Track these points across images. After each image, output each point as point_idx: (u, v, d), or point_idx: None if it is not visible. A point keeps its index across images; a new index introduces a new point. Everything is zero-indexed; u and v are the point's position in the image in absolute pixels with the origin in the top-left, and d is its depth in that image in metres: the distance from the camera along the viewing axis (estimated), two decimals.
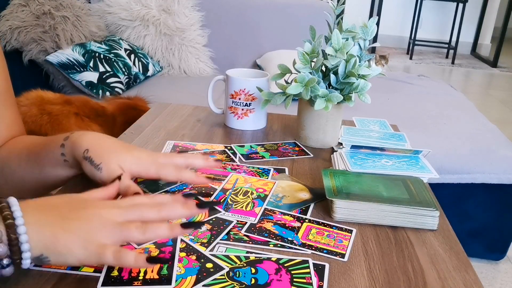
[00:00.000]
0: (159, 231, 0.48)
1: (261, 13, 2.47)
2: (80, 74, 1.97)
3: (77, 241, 0.46)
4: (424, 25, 5.71)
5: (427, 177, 0.72)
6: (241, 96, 0.93)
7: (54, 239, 0.45)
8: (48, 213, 0.47)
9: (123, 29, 2.31)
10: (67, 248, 0.45)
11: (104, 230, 0.47)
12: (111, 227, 0.47)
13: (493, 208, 1.69)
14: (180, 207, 0.51)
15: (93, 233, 0.46)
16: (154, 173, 0.63)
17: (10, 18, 1.91)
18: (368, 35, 0.83)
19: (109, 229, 0.47)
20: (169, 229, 0.48)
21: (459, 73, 4.93)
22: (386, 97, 2.17)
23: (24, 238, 0.44)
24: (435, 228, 0.63)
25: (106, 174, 0.60)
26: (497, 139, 1.79)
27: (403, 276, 0.53)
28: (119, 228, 0.47)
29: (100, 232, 0.47)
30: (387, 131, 0.92)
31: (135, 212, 0.49)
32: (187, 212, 0.51)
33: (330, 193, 0.65)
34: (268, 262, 0.53)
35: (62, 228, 0.46)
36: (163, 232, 0.48)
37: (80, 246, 0.46)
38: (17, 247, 0.44)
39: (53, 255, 0.46)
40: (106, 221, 0.47)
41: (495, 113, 3.62)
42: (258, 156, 0.83)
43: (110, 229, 0.47)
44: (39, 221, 0.46)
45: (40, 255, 0.46)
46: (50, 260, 0.46)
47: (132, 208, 0.50)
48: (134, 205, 0.50)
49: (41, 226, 0.45)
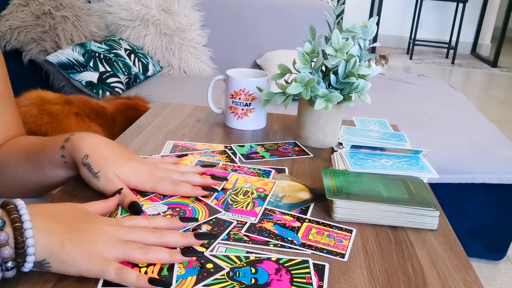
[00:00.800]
0: (160, 254, 0.50)
1: (261, 13, 2.47)
2: (80, 74, 1.97)
3: (82, 252, 0.47)
4: (424, 25, 5.71)
5: (427, 177, 0.72)
6: (241, 96, 0.93)
7: (60, 247, 0.46)
8: (56, 220, 0.48)
9: (123, 29, 2.31)
10: (70, 258, 0.46)
11: (109, 245, 0.48)
12: (115, 244, 0.49)
13: (493, 208, 1.69)
14: (179, 236, 0.53)
15: (98, 247, 0.47)
16: (150, 188, 0.65)
17: (10, 18, 1.91)
18: (368, 35, 0.83)
19: (113, 245, 0.48)
20: (169, 255, 0.51)
21: (459, 73, 4.93)
22: (386, 97, 2.17)
23: (30, 242, 0.45)
24: (435, 228, 0.63)
25: (102, 183, 0.62)
26: (497, 139, 1.79)
27: (403, 276, 0.53)
28: (123, 246, 0.49)
29: (105, 246, 0.48)
30: (387, 131, 0.92)
31: (137, 233, 0.51)
32: (185, 241, 0.53)
33: (330, 193, 0.65)
34: (268, 262, 0.53)
35: (69, 238, 0.47)
36: (164, 256, 0.50)
37: (84, 257, 0.47)
38: (23, 250, 0.44)
39: (55, 262, 0.46)
40: (110, 237, 0.49)
41: (495, 113, 3.62)
42: (258, 156, 0.83)
43: (114, 245, 0.48)
44: (47, 227, 0.47)
45: (43, 261, 0.46)
46: (51, 266, 0.47)
47: (134, 229, 0.52)
48: (136, 227, 0.52)
49: (48, 232, 0.46)
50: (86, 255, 0.47)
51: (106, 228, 0.50)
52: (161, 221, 0.56)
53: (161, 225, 0.55)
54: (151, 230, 0.52)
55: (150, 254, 0.49)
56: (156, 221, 0.55)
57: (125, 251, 0.49)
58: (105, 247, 0.48)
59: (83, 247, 0.47)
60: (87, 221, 0.50)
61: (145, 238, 0.51)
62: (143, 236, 0.51)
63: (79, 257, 0.46)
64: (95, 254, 0.47)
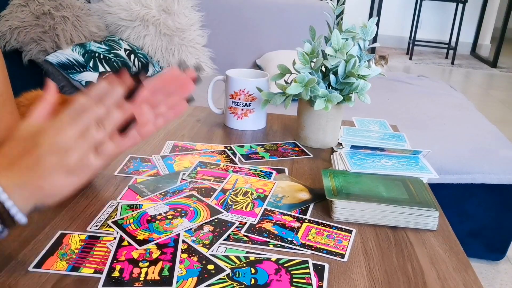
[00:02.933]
0: (115, 116, 0.49)
1: (261, 13, 2.47)
2: (80, 74, 1.97)
3: (58, 176, 0.47)
4: (424, 25, 5.71)
5: (427, 177, 0.72)
6: (241, 96, 0.93)
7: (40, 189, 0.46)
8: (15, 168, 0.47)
9: (123, 29, 2.31)
10: (54, 188, 0.47)
11: (72, 150, 0.47)
12: (76, 144, 0.47)
13: (493, 208, 1.69)
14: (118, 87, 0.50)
15: (66, 159, 0.47)
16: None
17: (10, 18, 1.91)
18: (368, 35, 0.83)
19: (75, 146, 0.47)
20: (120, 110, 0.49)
21: (459, 74, 4.93)
22: (386, 97, 2.17)
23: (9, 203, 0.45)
24: (434, 229, 0.63)
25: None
26: (497, 139, 1.79)
27: (402, 276, 0.53)
28: (82, 140, 0.48)
29: (71, 153, 0.47)
30: (386, 131, 0.92)
31: (84, 119, 0.49)
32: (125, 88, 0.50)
33: (329, 193, 0.65)
34: (268, 262, 0.53)
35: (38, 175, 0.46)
36: (117, 115, 0.49)
37: (63, 177, 0.47)
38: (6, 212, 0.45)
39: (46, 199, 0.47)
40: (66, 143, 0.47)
41: (495, 113, 3.62)
42: (258, 156, 0.83)
43: (76, 146, 0.47)
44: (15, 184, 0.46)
45: (35, 207, 0.47)
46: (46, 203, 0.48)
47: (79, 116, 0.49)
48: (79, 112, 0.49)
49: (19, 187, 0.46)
50: (62, 175, 0.47)
51: (56, 139, 0.47)
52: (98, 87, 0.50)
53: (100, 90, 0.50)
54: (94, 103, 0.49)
55: (108, 124, 0.48)
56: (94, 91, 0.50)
57: (86, 141, 0.48)
58: (71, 154, 0.47)
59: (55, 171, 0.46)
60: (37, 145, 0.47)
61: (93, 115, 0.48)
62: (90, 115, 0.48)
63: (60, 182, 0.47)
64: (67, 167, 0.47)
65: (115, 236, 0.57)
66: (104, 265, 0.51)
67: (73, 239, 0.56)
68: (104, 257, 0.53)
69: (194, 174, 0.75)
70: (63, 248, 0.54)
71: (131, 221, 0.60)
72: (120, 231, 0.58)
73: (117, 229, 0.59)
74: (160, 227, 0.59)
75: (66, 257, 0.53)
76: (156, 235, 0.57)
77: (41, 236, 0.57)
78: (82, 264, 0.52)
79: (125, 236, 0.57)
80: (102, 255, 0.53)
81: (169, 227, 0.59)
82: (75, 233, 0.58)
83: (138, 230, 0.58)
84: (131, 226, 0.59)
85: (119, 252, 0.54)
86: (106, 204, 0.64)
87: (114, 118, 0.49)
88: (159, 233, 0.58)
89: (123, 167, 0.76)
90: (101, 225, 0.60)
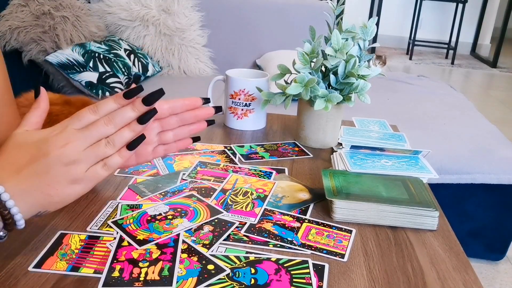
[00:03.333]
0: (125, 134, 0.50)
1: (261, 13, 2.47)
2: (80, 74, 1.97)
3: (64, 185, 0.48)
4: (424, 25, 5.71)
5: (426, 177, 0.72)
6: (241, 96, 0.93)
7: (47, 197, 0.48)
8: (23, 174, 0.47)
9: (123, 29, 2.31)
10: (61, 196, 0.48)
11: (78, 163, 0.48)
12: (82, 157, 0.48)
13: (493, 208, 1.69)
14: (129, 111, 0.51)
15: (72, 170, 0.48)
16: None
17: (9, 18, 1.91)
18: (368, 36, 0.83)
19: (81, 159, 0.48)
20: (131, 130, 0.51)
21: (459, 74, 4.93)
22: (386, 97, 2.17)
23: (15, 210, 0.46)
24: (434, 229, 0.63)
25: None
26: (497, 139, 1.79)
27: (402, 276, 0.53)
28: (89, 153, 0.49)
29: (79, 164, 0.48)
30: (386, 131, 0.92)
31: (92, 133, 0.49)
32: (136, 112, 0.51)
33: (329, 193, 0.65)
34: (268, 262, 0.53)
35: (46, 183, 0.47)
36: (128, 134, 0.51)
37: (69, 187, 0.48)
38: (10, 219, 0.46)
39: (50, 206, 0.49)
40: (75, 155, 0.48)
41: (495, 113, 3.62)
42: (257, 157, 0.83)
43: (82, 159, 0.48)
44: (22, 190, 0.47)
45: (38, 213, 0.48)
46: (49, 211, 0.49)
47: (88, 132, 0.49)
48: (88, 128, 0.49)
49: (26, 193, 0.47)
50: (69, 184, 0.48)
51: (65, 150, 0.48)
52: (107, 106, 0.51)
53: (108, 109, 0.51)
54: (104, 122, 0.50)
55: (117, 142, 0.50)
56: (102, 109, 0.50)
57: (94, 155, 0.49)
58: (77, 166, 0.48)
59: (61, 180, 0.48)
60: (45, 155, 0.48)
61: (103, 132, 0.50)
62: (100, 132, 0.49)
63: (66, 190, 0.48)
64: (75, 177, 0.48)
65: (115, 236, 0.57)
66: (104, 265, 0.51)
67: (73, 239, 0.56)
68: (104, 257, 0.53)
69: (194, 174, 0.75)
70: (63, 248, 0.54)
71: (131, 221, 0.60)
72: (120, 231, 0.58)
73: (117, 229, 0.59)
74: (160, 227, 0.59)
75: (66, 257, 0.53)
76: (156, 235, 0.57)
77: (41, 236, 0.57)
78: (82, 264, 0.52)
79: (125, 236, 0.57)
80: (102, 255, 0.53)
81: (169, 227, 0.59)
82: (75, 233, 0.58)
83: (138, 230, 0.58)
84: (131, 226, 0.59)
85: (119, 252, 0.54)
86: (106, 204, 0.64)
87: (124, 137, 0.51)
88: (159, 233, 0.58)
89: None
90: (101, 225, 0.60)
